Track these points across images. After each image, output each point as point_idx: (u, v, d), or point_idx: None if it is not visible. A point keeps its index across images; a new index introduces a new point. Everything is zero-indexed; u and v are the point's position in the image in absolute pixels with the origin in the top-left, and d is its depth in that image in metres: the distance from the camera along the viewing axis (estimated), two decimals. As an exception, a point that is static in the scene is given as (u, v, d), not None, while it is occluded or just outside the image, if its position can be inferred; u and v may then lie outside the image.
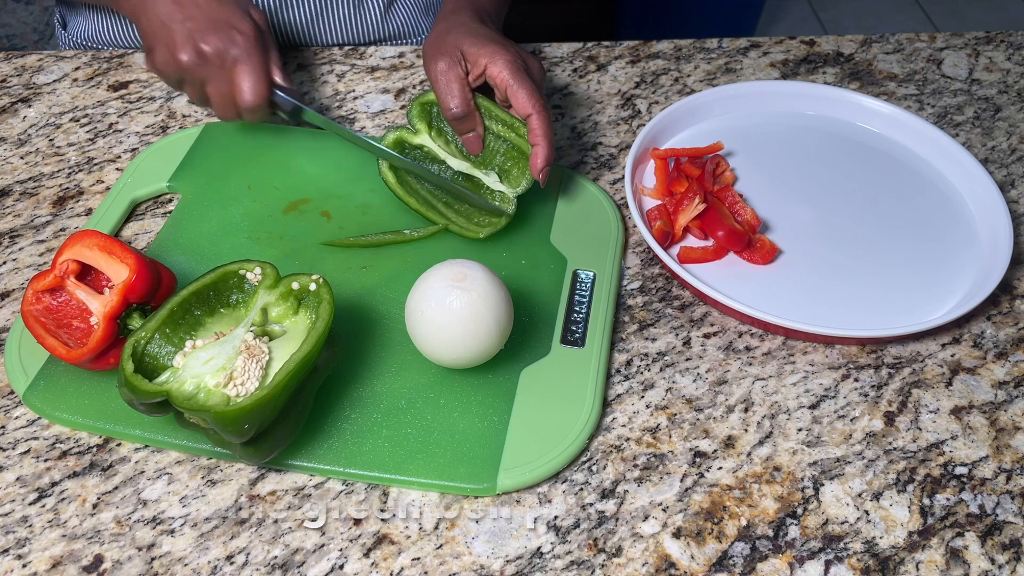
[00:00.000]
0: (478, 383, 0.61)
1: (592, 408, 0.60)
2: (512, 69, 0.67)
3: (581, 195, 0.75)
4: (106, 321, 0.57)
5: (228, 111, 0.72)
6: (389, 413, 0.59)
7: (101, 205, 0.73)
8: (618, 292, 0.69)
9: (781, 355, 0.66)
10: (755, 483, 0.58)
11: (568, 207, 0.74)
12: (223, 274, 0.59)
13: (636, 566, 0.54)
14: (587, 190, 0.76)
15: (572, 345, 0.64)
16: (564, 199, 0.75)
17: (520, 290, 0.67)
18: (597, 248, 0.71)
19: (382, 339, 0.64)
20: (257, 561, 0.53)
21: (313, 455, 0.57)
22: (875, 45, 0.96)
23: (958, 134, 0.85)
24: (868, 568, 0.54)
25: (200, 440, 0.57)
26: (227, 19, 0.69)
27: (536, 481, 0.57)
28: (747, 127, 0.83)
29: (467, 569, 0.53)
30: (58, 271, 0.58)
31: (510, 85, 0.67)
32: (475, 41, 0.69)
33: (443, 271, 0.58)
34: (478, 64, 0.69)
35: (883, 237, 0.73)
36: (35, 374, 0.60)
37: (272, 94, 0.72)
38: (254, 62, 0.69)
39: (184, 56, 0.69)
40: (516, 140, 0.71)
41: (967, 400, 0.63)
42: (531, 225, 0.73)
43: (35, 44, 1.85)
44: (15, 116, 0.83)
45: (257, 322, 0.57)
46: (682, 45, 0.94)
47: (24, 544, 0.54)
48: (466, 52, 0.69)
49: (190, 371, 0.54)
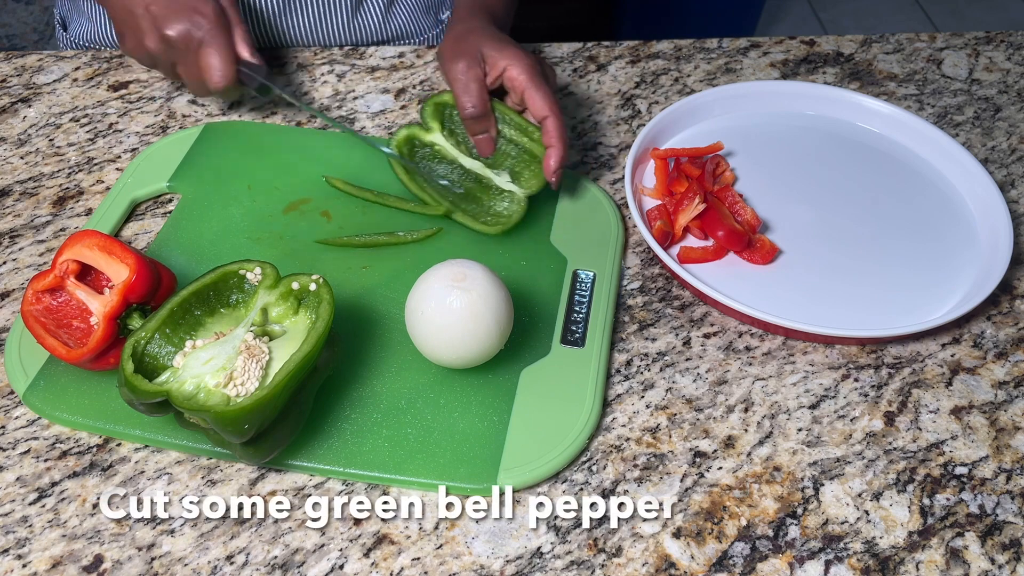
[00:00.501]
0: (478, 383, 0.61)
1: (592, 408, 0.60)
2: (530, 73, 0.69)
3: (581, 195, 0.75)
4: (106, 321, 0.57)
5: (200, 90, 0.74)
6: (389, 413, 0.59)
7: (101, 205, 0.73)
8: (618, 292, 0.69)
9: (781, 355, 0.66)
10: (755, 483, 0.58)
11: (568, 207, 0.74)
12: (223, 274, 0.58)
13: (636, 566, 0.54)
14: (587, 190, 0.76)
15: (572, 345, 0.64)
16: (564, 199, 0.75)
17: (520, 290, 0.67)
18: (597, 248, 0.71)
19: (382, 339, 0.64)
20: (257, 561, 0.53)
21: (313, 455, 0.57)
22: (875, 45, 0.96)
23: (958, 134, 0.85)
24: (868, 568, 0.54)
25: (200, 440, 0.57)
26: (187, 2, 0.70)
27: (536, 481, 0.57)
28: (747, 127, 0.83)
29: (467, 569, 0.53)
30: (58, 271, 0.58)
31: (528, 88, 0.69)
32: (495, 44, 0.70)
33: (443, 271, 0.58)
34: (497, 66, 0.70)
35: (883, 237, 0.73)
36: (35, 374, 0.60)
37: (239, 72, 0.73)
38: (218, 43, 0.71)
39: (150, 43, 0.71)
40: (529, 145, 0.72)
41: (967, 400, 0.63)
42: (531, 225, 0.73)
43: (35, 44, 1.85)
44: (15, 116, 0.83)
45: (257, 322, 0.57)
46: (682, 45, 0.94)
47: (24, 544, 0.54)
48: (486, 54, 0.70)
49: (190, 371, 0.54)
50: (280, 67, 0.89)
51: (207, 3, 0.71)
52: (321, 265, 0.69)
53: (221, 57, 0.71)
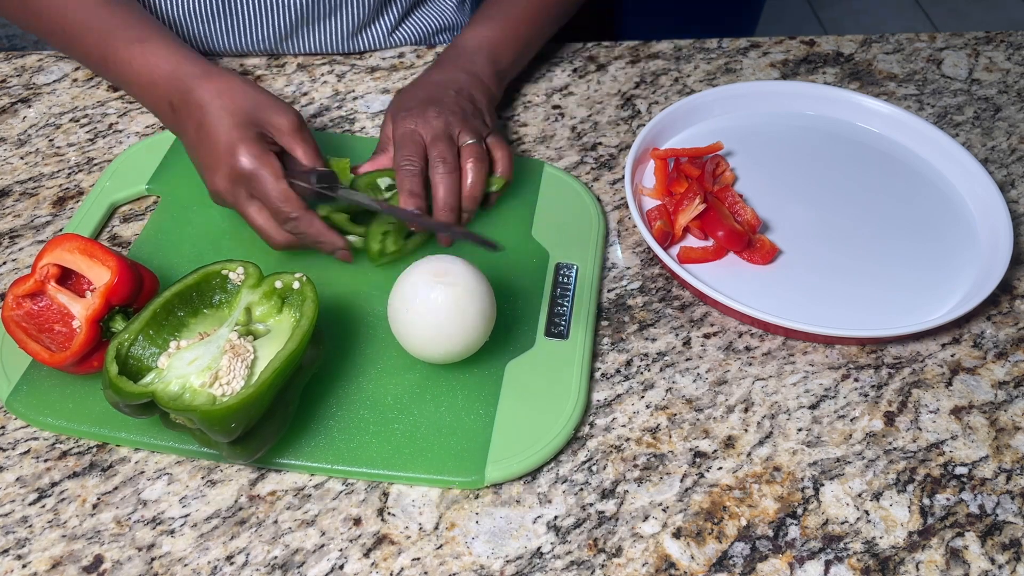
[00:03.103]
0: (464, 377, 0.62)
1: (578, 399, 0.60)
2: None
3: (561, 189, 0.76)
4: (88, 324, 0.57)
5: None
6: (376, 410, 0.60)
7: (80, 208, 0.72)
8: (600, 283, 0.69)
9: (781, 355, 0.66)
10: (755, 483, 0.58)
11: (549, 201, 0.75)
12: (205, 275, 0.58)
13: (636, 566, 0.54)
14: (567, 184, 0.76)
15: (556, 337, 0.64)
16: (545, 193, 0.75)
17: (504, 284, 0.67)
18: (579, 241, 0.71)
19: (367, 336, 0.64)
20: (257, 561, 0.53)
21: (301, 453, 0.57)
22: (875, 45, 0.96)
23: (958, 134, 0.85)
24: (868, 568, 0.54)
25: (187, 442, 0.57)
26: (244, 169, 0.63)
27: (524, 472, 0.57)
28: (747, 127, 0.83)
29: (467, 569, 0.53)
30: (38, 275, 0.58)
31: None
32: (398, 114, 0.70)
33: (424, 267, 0.59)
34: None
35: (883, 237, 0.73)
36: (17, 379, 0.60)
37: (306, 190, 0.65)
38: (266, 210, 0.65)
39: (216, 198, 0.66)
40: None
41: (967, 400, 0.63)
42: (513, 219, 0.73)
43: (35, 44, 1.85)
44: (15, 116, 0.83)
45: (241, 321, 0.57)
46: (682, 45, 0.94)
47: (24, 544, 0.54)
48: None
49: (175, 372, 0.54)
50: (280, 67, 0.89)
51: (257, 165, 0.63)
52: (303, 263, 0.68)
53: (269, 224, 0.65)
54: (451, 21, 0.96)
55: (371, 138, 0.81)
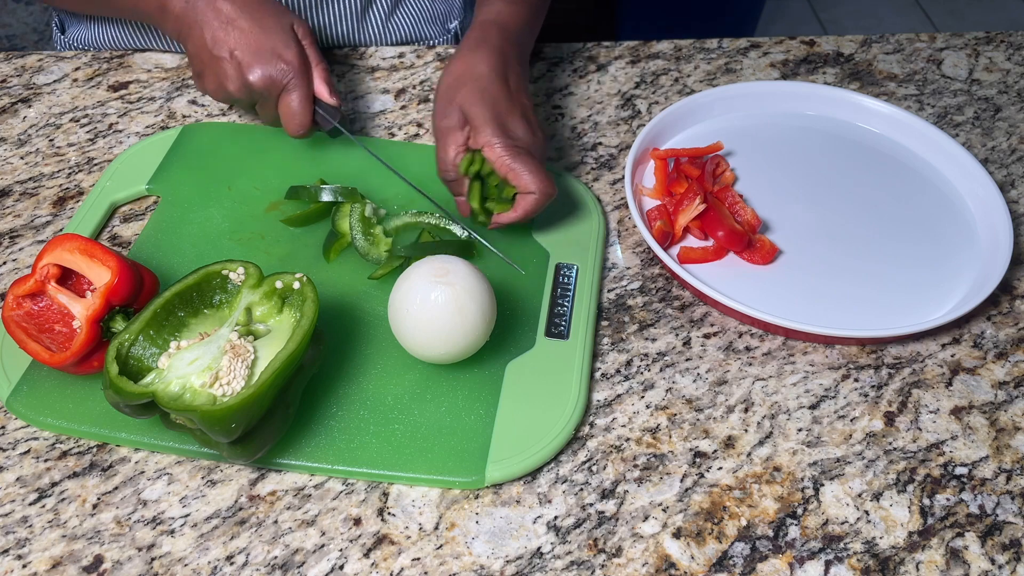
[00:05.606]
0: (464, 377, 0.62)
1: (578, 399, 0.60)
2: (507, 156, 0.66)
3: (563, 190, 0.76)
4: (89, 324, 0.57)
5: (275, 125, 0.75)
6: (376, 410, 0.60)
7: (80, 208, 0.73)
8: (600, 283, 0.69)
9: (781, 355, 0.66)
10: (755, 483, 0.58)
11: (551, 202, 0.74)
12: (206, 275, 0.58)
13: (636, 566, 0.54)
14: (569, 184, 0.76)
15: (557, 337, 0.64)
16: None
17: (504, 285, 0.67)
18: (579, 241, 0.71)
19: (367, 336, 0.64)
20: (257, 561, 0.53)
21: (301, 453, 0.57)
22: (875, 45, 0.96)
23: (958, 134, 0.85)
24: (868, 568, 0.54)
25: (187, 442, 0.57)
26: (272, 47, 0.70)
27: (524, 472, 0.57)
28: (747, 127, 0.83)
29: (467, 569, 0.53)
30: (39, 276, 0.58)
31: (510, 170, 0.66)
32: (480, 112, 0.67)
33: (425, 267, 0.59)
34: (477, 142, 0.67)
35: (883, 237, 0.73)
36: (18, 380, 0.60)
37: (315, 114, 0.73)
38: (299, 92, 0.71)
39: (232, 87, 0.70)
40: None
41: (967, 400, 0.63)
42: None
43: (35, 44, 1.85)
44: (15, 116, 0.83)
45: (241, 321, 0.57)
46: (682, 45, 0.94)
47: (24, 544, 0.54)
48: (471, 121, 0.68)
49: (175, 372, 0.54)
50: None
51: (290, 48, 0.71)
52: (304, 264, 0.68)
53: (301, 106, 0.71)
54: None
55: (371, 138, 0.81)
